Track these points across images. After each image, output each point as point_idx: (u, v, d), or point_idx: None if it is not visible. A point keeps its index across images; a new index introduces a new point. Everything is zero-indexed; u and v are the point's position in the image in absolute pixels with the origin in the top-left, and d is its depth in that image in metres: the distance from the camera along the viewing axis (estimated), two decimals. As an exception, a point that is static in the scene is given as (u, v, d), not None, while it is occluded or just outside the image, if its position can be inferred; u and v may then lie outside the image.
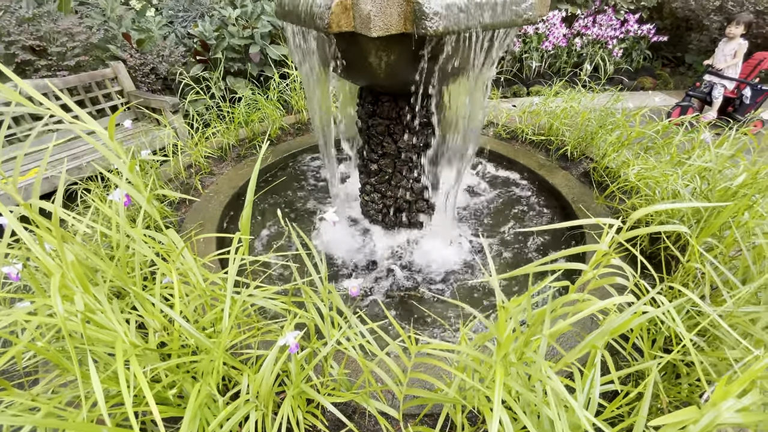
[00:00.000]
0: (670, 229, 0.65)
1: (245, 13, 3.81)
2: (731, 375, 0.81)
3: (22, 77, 3.15)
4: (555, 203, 2.34)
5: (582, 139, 2.51)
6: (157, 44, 3.62)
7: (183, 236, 1.87)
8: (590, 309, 0.73)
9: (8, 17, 3.10)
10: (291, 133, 3.04)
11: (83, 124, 0.78)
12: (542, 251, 2.02)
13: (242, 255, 0.81)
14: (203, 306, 1.13)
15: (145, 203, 0.86)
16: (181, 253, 0.90)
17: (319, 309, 0.98)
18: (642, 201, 1.74)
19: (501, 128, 2.94)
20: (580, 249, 0.84)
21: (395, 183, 1.92)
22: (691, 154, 1.78)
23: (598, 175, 2.30)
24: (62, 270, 0.62)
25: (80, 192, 1.76)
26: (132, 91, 3.34)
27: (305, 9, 1.25)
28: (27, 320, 0.76)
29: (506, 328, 0.71)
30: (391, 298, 1.73)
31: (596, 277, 0.87)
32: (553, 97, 2.80)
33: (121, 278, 0.78)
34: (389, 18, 1.13)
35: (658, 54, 5.78)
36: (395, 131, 1.76)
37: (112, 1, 3.79)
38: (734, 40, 3.80)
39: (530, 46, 5.02)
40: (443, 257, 1.95)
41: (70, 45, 3.19)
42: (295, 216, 2.30)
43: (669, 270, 1.61)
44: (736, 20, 3.75)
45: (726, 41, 3.87)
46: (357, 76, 1.56)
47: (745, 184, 1.37)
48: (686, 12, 5.02)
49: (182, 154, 2.40)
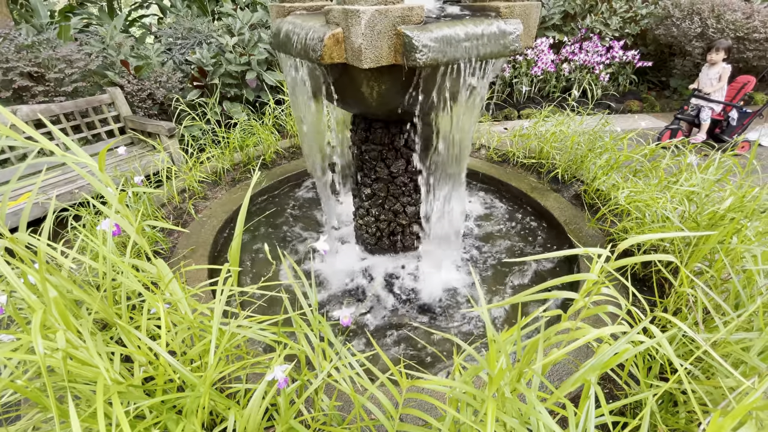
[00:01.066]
0: (658, 258, 0.65)
1: (242, 41, 3.90)
2: (726, 406, 0.79)
3: (19, 103, 3.18)
4: (548, 225, 2.35)
5: (572, 162, 2.56)
6: (155, 70, 3.69)
7: (174, 262, 1.85)
8: (582, 340, 0.73)
9: (7, 44, 3.15)
10: (286, 157, 3.06)
11: (74, 157, 0.78)
12: (536, 274, 2.02)
13: (230, 286, 0.80)
14: (192, 337, 1.11)
15: (135, 234, 0.86)
16: (170, 283, 0.89)
17: (310, 339, 0.96)
18: (633, 224, 1.76)
19: (492, 151, 2.99)
20: (572, 278, 0.84)
21: (388, 207, 1.93)
22: (678, 178, 1.81)
23: (589, 197, 2.33)
24: (44, 307, 0.60)
25: (71, 219, 1.75)
26: (128, 116, 3.37)
27: (299, 41, 1.28)
28: (8, 357, 0.74)
29: (497, 361, 0.70)
30: (384, 327, 1.71)
31: (588, 306, 0.86)
32: (543, 121, 2.87)
33: (106, 311, 0.76)
34: (380, 50, 1.17)
35: (643, 78, 5.97)
36: (388, 156, 1.79)
37: (112, 29, 3.88)
38: (717, 65, 3.95)
39: (520, 71, 5.17)
40: (437, 282, 1.94)
41: (68, 71, 3.24)
42: (288, 240, 2.29)
43: (662, 292, 1.61)
44: (716, 47, 3.91)
45: (709, 66, 4.02)
46: (350, 104, 1.59)
47: (732, 208, 1.39)
48: (669, 39, 5.22)
49: (176, 179, 2.41)
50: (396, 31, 1.16)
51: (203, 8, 5.25)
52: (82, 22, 4.71)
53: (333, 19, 1.21)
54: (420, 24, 1.20)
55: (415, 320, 1.75)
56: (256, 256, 2.14)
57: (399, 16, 1.16)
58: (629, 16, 5.46)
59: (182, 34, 4.30)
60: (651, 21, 5.43)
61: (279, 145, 3.11)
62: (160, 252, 1.90)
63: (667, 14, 5.21)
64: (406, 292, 1.90)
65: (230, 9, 4.39)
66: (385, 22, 1.14)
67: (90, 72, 3.52)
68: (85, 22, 4.78)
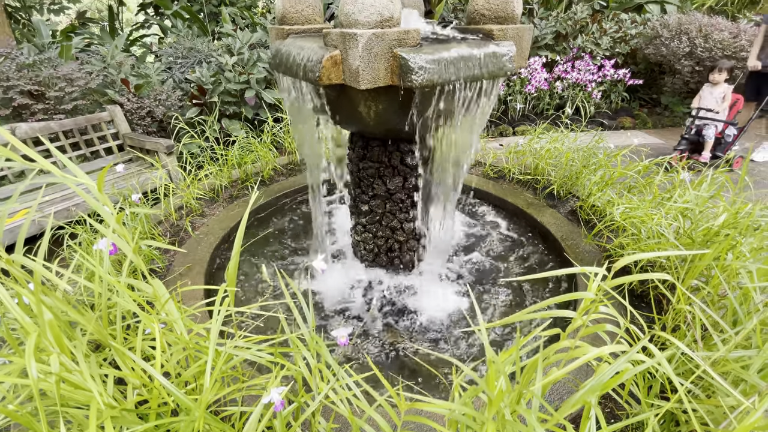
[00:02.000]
0: (654, 277, 0.66)
1: (242, 60, 3.97)
2: (728, 426, 0.79)
3: (18, 120, 3.20)
4: (545, 241, 2.36)
5: (567, 178, 2.59)
6: (155, 89, 3.73)
7: (170, 280, 1.83)
8: (582, 360, 0.72)
9: (8, 63, 3.19)
10: (284, 174, 3.08)
11: (73, 177, 0.79)
12: (535, 291, 2.01)
13: (227, 307, 0.80)
14: (187, 358, 1.09)
15: (132, 254, 0.86)
16: (166, 304, 0.88)
17: (307, 360, 0.95)
18: (629, 240, 1.77)
19: (488, 167, 3.02)
20: (570, 296, 0.84)
21: (386, 223, 1.94)
22: (672, 194, 1.83)
23: (585, 213, 2.35)
24: (39, 330, 0.60)
25: (66, 237, 1.74)
26: (127, 134, 3.40)
27: (298, 62, 1.31)
28: (0, 381, 0.72)
29: (496, 382, 0.69)
30: (381, 346, 1.69)
31: (587, 324, 0.86)
32: (538, 138, 2.91)
33: (101, 333, 0.75)
34: (377, 72, 1.19)
35: (635, 96, 6.10)
36: (385, 174, 1.80)
37: (113, 48, 3.94)
38: (720, 85, 4.04)
39: (514, 89, 5.27)
40: (434, 300, 1.93)
41: (68, 90, 3.27)
42: (285, 257, 2.28)
43: (660, 308, 1.61)
44: (719, 67, 3.99)
45: (711, 86, 4.11)
46: (348, 123, 1.61)
47: (726, 224, 1.40)
48: (658, 57, 5.36)
49: (174, 196, 2.41)
50: (392, 53, 1.19)
51: (203, 29, 5.35)
52: (84, 41, 4.79)
53: (331, 41, 1.24)
54: (416, 46, 1.23)
55: (412, 339, 1.73)
56: (251, 272, 2.13)
57: (395, 39, 1.19)
58: (619, 36, 5.62)
59: (182, 54, 4.37)
60: (640, 41, 5.58)
61: (277, 162, 3.13)
62: (156, 270, 1.89)
63: (656, 34, 5.36)
64: (404, 310, 1.89)
65: (230, 29, 4.48)
66: (382, 44, 1.17)
67: (90, 90, 3.56)
68: (87, 41, 4.86)
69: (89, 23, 6.24)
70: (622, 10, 6.28)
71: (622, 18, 5.74)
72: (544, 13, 5.79)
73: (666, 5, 6.24)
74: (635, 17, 5.76)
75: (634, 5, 6.40)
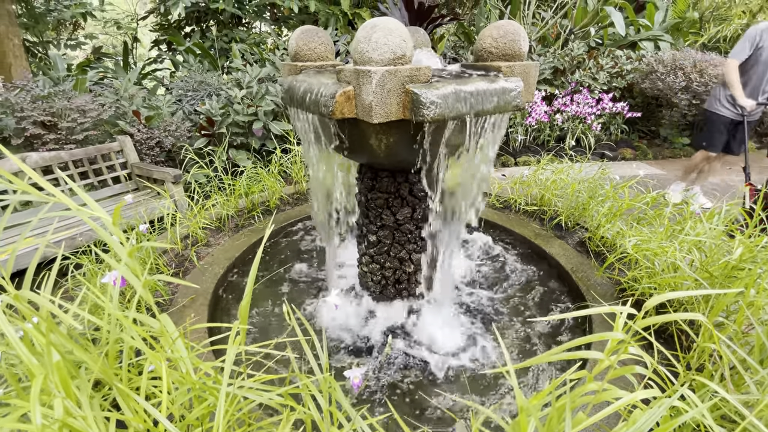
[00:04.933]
0: (686, 317, 0.63)
1: (250, 93, 4.09)
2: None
3: (29, 150, 3.25)
4: (555, 273, 2.32)
5: (574, 209, 2.58)
6: (165, 120, 3.82)
7: (173, 312, 1.79)
8: (614, 407, 0.68)
9: (23, 95, 3.29)
10: (290, 203, 3.09)
11: (88, 211, 0.78)
12: (550, 329, 1.95)
13: (238, 345, 0.76)
14: (191, 399, 1.04)
15: (141, 288, 0.83)
16: (175, 341, 0.85)
17: (318, 402, 0.90)
18: (643, 273, 1.73)
19: (494, 198, 3.03)
20: (596, 337, 0.81)
21: (394, 254, 1.91)
22: (683, 226, 1.81)
23: (594, 244, 2.32)
24: (45, 372, 0.57)
25: (71, 267, 1.72)
26: (136, 163, 3.44)
27: (311, 97, 1.34)
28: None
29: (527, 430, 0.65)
30: (393, 385, 1.62)
31: (615, 366, 0.82)
32: (542, 168, 2.93)
33: (106, 373, 0.72)
34: (389, 107, 1.21)
35: (634, 128, 6.22)
36: (393, 204, 1.80)
37: (126, 81, 4.07)
38: None
39: (515, 121, 5.38)
40: (446, 333, 1.87)
41: (80, 120, 3.35)
42: (291, 288, 2.24)
43: (681, 344, 1.55)
44: None
45: None
46: (358, 155, 1.62)
47: (743, 258, 1.38)
48: (655, 91, 5.50)
49: (179, 225, 2.40)
50: (405, 89, 1.22)
51: (214, 63, 5.55)
52: (98, 75, 4.96)
53: (344, 77, 1.27)
54: (427, 82, 1.26)
55: (425, 378, 1.66)
56: (255, 303, 2.08)
57: (407, 76, 1.22)
58: (615, 71, 5.80)
59: (193, 87, 4.51)
60: (636, 75, 5.75)
61: (284, 192, 3.15)
62: (160, 302, 1.84)
63: (651, 69, 5.54)
64: (415, 344, 1.83)
65: (240, 64, 4.65)
66: (395, 81, 1.19)
67: (102, 121, 3.64)
68: (101, 75, 5.03)
69: (104, 58, 6.49)
70: (617, 47, 6.51)
71: (617, 54, 5.95)
72: (542, 50, 6.01)
73: (659, 42, 6.48)
74: (630, 53, 5.97)
75: (628, 42, 6.64)
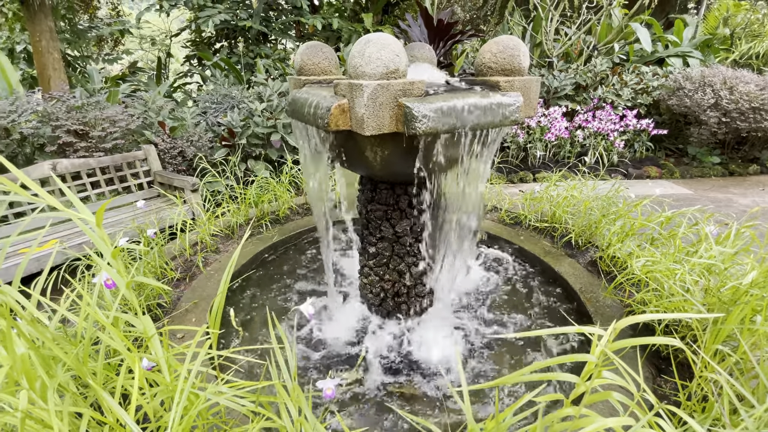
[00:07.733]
0: (664, 342, 0.59)
1: (270, 107, 4.23)
2: None
3: (61, 156, 3.46)
4: (563, 292, 2.24)
5: (586, 228, 2.50)
6: (188, 131, 4.00)
7: (175, 316, 1.84)
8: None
9: (60, 105, 3.53)
10: (299, 213, 3.14)
11: (89, 218, 0.82)
12: (548, 348, 1.88)
13: (207, 349, 0.78)
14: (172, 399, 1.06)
15: (125, 288, 0.87)
16: (151, 340, 0.87)
17: (290, 411, 0.90)
18: (651, 295, 1.65)
19: (504, 213, 2.98)
20: (568, 358, 0.78)
21: (393, 266, 1.90)
22: (697, 248, 1.72)
23: (605, 264, 2.23)
24: (12, 363, 0.60)
25: (81, 269, 1.80)
26: (158, 171, 3.60)
27: (309, 110, 1.37)
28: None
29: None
30: (381, 398, 1.60)
31: (590, 391, 0.79)
32: (554, 186, 2.87)
33: (81, 371, 0.75)
34: (381, 120, 1.23)
35: (660, 145, 6.00)
36: (392, 216, 1.80)
37: (156, 94, 4.30)
38: None
39: (534, 136, 5.31)
40: (442, 349, 1.83)
41: (111, 130, 3.55)
42: (290, 297, 2.26)
43: (681, 370, 1.46)
44: None
45: None
46: (355, 167, 1.64)
47: (756, 283, 1.29)
48: (682, 109, 5.31)
49: (190, 232, 2.48)
50: (398, 102, 1.23)
51: (239, 77, 5.79)
52: (131, 87, 5.26)
53: (340, 91, 1.30)
54: (421, 96, 1.27)
55: (414, 392, 1.63)
56: (251, 311, 2.11)
57: (400, 90, 1.23)
58: (640, 87, 5.65)
59: (217, 100, 4.71)
60: (662, 92, 5.58)
61: (293, 202, 3.21)
62: (163, 305, 1.90)
63: (679, 86, 5.36)
64: (408, 360, 1.80)
65: (263, 79, 4.83)
66: (387, 94, 1.21)
67: (130, 131, 3.85)
68: (134, 87, 5.34)
69: (139, 71, 6.89)
70: (644, 63, 6.36)
71: (643, 70, 5.80)
72: (563, 66, 5.94)
73: (688, 58, 6.29)
74: (656, 70, 5.81)
75: (656, 59, 6.48)
